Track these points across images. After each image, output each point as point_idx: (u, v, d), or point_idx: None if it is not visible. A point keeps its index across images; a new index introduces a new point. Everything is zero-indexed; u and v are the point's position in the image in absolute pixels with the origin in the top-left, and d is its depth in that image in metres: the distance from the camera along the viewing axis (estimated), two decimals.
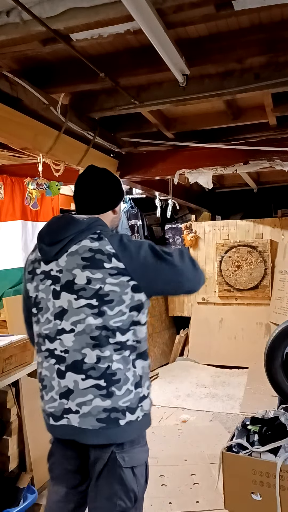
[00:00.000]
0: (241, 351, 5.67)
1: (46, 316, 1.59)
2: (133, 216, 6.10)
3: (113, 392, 1.50)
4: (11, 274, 3.64)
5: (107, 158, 3.86)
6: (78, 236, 1.55)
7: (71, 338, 1.53)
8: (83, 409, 1.51)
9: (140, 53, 2.34)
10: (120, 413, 1.50)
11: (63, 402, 1.54)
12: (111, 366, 1.51)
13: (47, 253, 1.59)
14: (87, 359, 1.51)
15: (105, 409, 1.50)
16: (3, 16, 1.82)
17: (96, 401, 1.50)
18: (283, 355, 2.91)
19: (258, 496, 2.21)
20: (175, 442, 3.56)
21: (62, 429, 1.56)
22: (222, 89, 2.58)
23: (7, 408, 2.57)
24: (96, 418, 1.50)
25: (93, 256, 1.52)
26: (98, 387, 1.50)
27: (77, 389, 1.52)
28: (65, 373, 1.54)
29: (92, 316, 1.51)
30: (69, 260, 1.55)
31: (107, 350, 1.51)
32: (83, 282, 1.52)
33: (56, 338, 1.56)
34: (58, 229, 1.59)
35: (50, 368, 1.58)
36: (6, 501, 2.44)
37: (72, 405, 1.52)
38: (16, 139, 2.75)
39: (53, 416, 1.57)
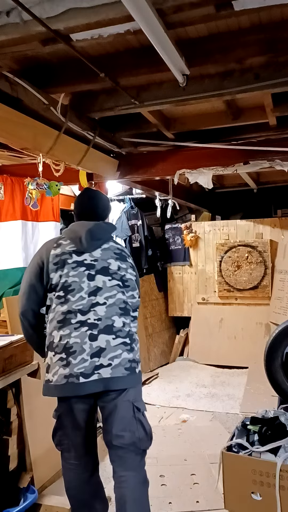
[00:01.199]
0: (241, 351, 5.67)
1: (80, 295, 2.04)
2: (133, 216, 6.10)
3: (133, 348, 2.07)
4: (11, 274, 3.64)
5: (107, 158, 3.86)
6: (108, 238, 2.22)
7: (103, 309, 2.03)
8: (115, 361, 1.98)
9: (140, 53, 2.34)
10: (136, 363, 2.06)
11: (94, 361, 1.96)
12: (131, 330, 2.10)
13: (89, 245, 2.12)
14: (116, 324, 2.03)
15: (129, 360, 2.02)
16: (3, 16, 1.82)
17: (124, 355, 2.01)
18: (283, 355, 2.91)
19: (258, 496, 2.21)
20: (175, 442, 3.56)
21: (93, 384, 1.94)
22: (222, 89, 2.58)
23: (7, 408, 2.57)
24: (124, 367, 1.99)
25: (121, 252, 2.20)
26: (125, 344, 2.03)
27: (109, 347, 1.99)
28: (97, 336, 1.99)
29: (120, 293, 2.10)
30: (104, 253, 2.14)
31: (128, 319, 2.10)
32: (115, 268, 2.13)
33: (90, 310, 2.02)
34: (102, 231, 2.19)
35: (82, 335, 1.98)
36: (6, 501, 2.44)
37: (103, 360, 1.96)
38: (16, 139, 2.75)
39: (83, 375, 1.94)
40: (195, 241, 6.21)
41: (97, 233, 2.16)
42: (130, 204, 6.07)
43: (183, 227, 6.28)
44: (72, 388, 1.95)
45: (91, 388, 1.94)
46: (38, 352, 2.26)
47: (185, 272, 6.34)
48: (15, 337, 2.68)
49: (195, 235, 6.20)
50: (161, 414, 4.19)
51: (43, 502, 2.60)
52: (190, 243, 6.19)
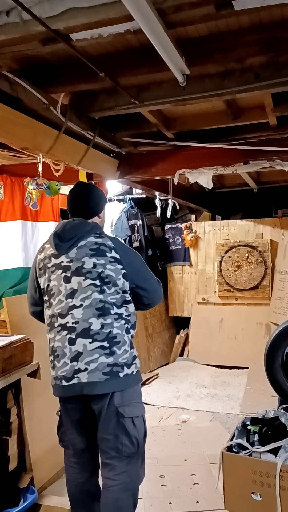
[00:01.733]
0: (241, 351, 5.67)
1: (59, 298, 2.01)
2: (133, 216, 6.10)
3: (114, 351, 1.95)
4: (11, 274, 3.63)
5: (107, 158, 3.86)
6: (85, 235, 2.06)
7: (80, 311, 1.96)
8: (91, 366, 1.92)
9: (140, 53, 2.34)
10: (119, 367, 1.95)
11: (73, 365, 1.94)
12: (112, 331, 1.96)
13: (62, 247, 2.04)
14: (93, 326, 1.95)
15: (108, 365, 1.93)
16: (3, 16, 1.82)
17: (102, 359, 1.92)
18: (283, 355, 2.90)
19: (258, 496, 2.21)
20: (175, 442, 3.55)
21: (73, 388, 1.94)
22: (222, 89, 2.58)
23: (7, 408, 2.57)
24: (102, 372, 1.91)
25: (99, 247, 2.03)
26: (103, 348, 1.94)
27: (85, 351, 1.93)
28: (75, 340, 1.95)
29: (96, 292, 1.98)
30: (79, 252, 2.03)
31: (109, 319, 1.97)
32: (90, 266, 2.00)
33: (68, 314, 1.98)
34: (72, 229, 2.07)
35: (63, 339, 1.98)
36: (6, 501, 2.44)
37: (81, 365, 1.92)
38: (16, 139, 2.75)
39: (65, 378, 1.95)
40: (195, 241, 6.21)
41: (66, 233, 2.07)
42: (130, 204, 6.07)
43: (183, 227, 6.27)
44: (58, 390, 2.02)
45: (71, 391, 1.96)
46: None
47: (185, 272, 6.34)
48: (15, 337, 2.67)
49: (195, 235, 6.19)
50: (161, 415, 4.19)
51: (43, 502, 2.60)
52: (190, 243, 6.19)
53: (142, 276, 2.12)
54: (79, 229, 2.06)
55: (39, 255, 2.15)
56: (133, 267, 2.08)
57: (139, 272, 2.11)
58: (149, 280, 2.15)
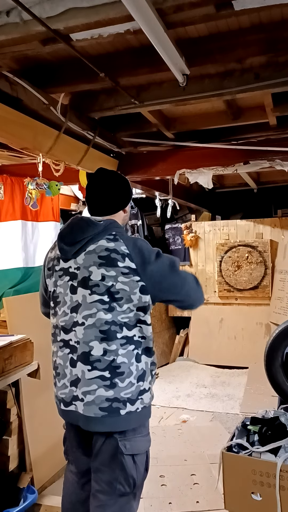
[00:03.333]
0: (241, 351, 5.67)
1: (63, 310, 1.74)
2: (133, 216, 6.10)
3: (116, 383, 1.64)
4: (11, 274, 3.63)
5: (107, 158, 3.86)
6: (96, 237, 1.71)
7: (81, 331, 1.67)
8: (87, 397, 1.64)
9: (140, 53, 2.34)
10: (121, 403, 1.64)
11: (72, 390, 1.70)
12: (116, 360, 1.64)
13: (67, 252, 1.74)
14: (94, 352, 1.65)
15: (107, 399, 1.63)
16: (3, 16, 1.82)
17: (100, 391, 1.63)
18: (283, 355, 2.90)
19: (258, 496, 2.21)
20: (175, 442, 3.56)
21: (70, 415, 1.72)
22: (222, 89, 2.58)
23: (7, 408, 2.57)
24: (99, 407, 1.63)
25: (109, 255, 1.67)
26: (103, 378, 1.64)
27: (83, 379, 1.66)
28: (76, 362, 1.68)
29: (103, 311, 1.65)
30: (87, 258, 1.70)
31: (114, 344, 1.65)
32: (98, 278, 1.66)
33: (71, 330, 1.71)
34: (78, 230, 1.74)
35: (64, 357, 1.73)
36: (6, 501, 2.44)
37: (79, 393, 1.67)
38: (16, 139, 2.75)
39: (64, 402, 1.74)
40: (195, 241, 6.21)
41: (72, 234, 1.74)
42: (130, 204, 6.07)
43: (183, 227, 6.27)
44: (59, 410, 1.82)
45: (70, 418, 1.74)
46: None
47: None
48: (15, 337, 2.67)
49: (195, 235, 6.19)
50: (161, 414, 4.19)
51: (43, 502, 2.60)
52: (190, 243, 6.19)
53: (167, 288, 1.73)
54: (87, 231, 1.71)
55: (50, 252, 1.87)
56: (155, 278, 1.68)
57: (162, 283, 1.71)
58: (178, 289, 1.75)
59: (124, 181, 1.89)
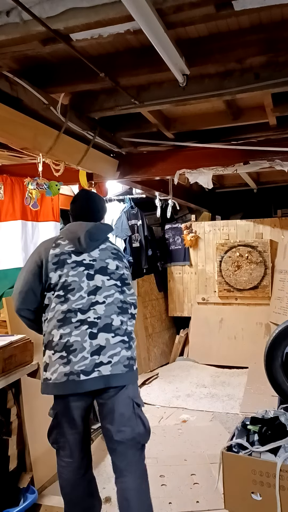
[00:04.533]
0: (241, 351, 5.67)
1: (80, 294, 2.09)
2: (133, 216, 6.10)
3: (131, 345, 2.14)
4: (11, 274, 3.63)
5: (107, 158, 3.86)
6: (105, 239, 2.29)
7: (102, 308, 2.10)
8: (114, 358, 2.05)
9: (140, 53, 2.34)
10: (134, 361, 2.14)
11: (94, 358, 2.02)
12: (128, 328, 2.15)
13: (90, 246, 2.18)
14: (114, 322, 2.10)
15: (128, 358, 2.10)
16: (3, 16, 1.82)
17: (123, 352, 2.08)
18: (283, 355, 2.90)
19: (258, 496, 2.21)
20: (175, 442, 3.56)
21: (93, 381, 2.00)
22: (222, 89, 2.58)
23: (7, 408, 2.57)
24: (123, 364, 2.06)
25: (118, 252, 2.28)
26: (123, 342, 2.10)
27: (108, 344, 2.05)
28: (97, 334, 2.05)
29: (118, 292, 2.16)
30: (102, 253, 2.21)
31: (126, 317, 2.16)
32: (114, 268, 2.20)
33: (89, 309, 2.08)
34: (100, 232, 2.25)
35: (82, 334, 2.04)
36: (6, 501, 2.44)
37: (103, 358, 2.03)
38: (16, 139, 2.75)
39: (84, 372, 2.00)
40: (195, 241, 6.21)
41: (95, 234, 2.21)
42: (130, 204, 6.07)
43: (183, 227, 6.27)
44: (73, 385, 1.99)
45: (92, 385, 2.00)
46: (39, 332, 2.30)
47: (185, 272, 6.34)
48: (15, 337, 2.68)
49: (195, 235, 6.19)
50: (161, 414, 4.19)
51: (43, 502, 2.60)
52: (190, 243, 6.19)
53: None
54: (104, 233, 2.28)
55: (53, 250, 2.18)
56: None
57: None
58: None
59: (102, 199, 2.48)
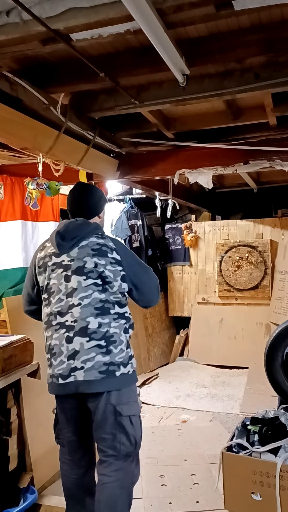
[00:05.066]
0: (241, 351, 5.67)
1: (58, 297, 2.04)
2: (133, 216, 6.10)
3: (111, 350, 1.98)
4: (11, 274, 3.63)
5: (107, 158, 3.86)
6: (87, 235, 2.10)
7: (78, 310, 1.99)
8: (87, 364, 1.94)
9: (140, 53, 2.34)
10: (116, 366, 1.98)
11: (70, 363, 1.96)
12: (109, 330, 2.00)
13: (64, 247, 2.08)
14: (90, 325, 1.98)
15: (105, 363, 1.96)
16: (3, 16, 1.82)
17: (98, 357, 1.95)
18: (283, 355, 2.90)
19: (258, 496, 2.21)
20: (175, 442, 3.55)
21: (69, 386, 1.96)
22: (222, 89, 2.58)
23: (7, 408, 2.57)
24: (98, 370, 1.94)
25: (100, 248, 2.08)
26: (99, 346, 1.97)
27: (82, 349, 1.96)
28: (73, 338, 1.98)
29: (97, 292, 2.02)
30: (80, 251, 2.07)
31: (107, 318, 2.01)
32: (92, 266, 2.04)
33: (67, 312, 2.01)
34: (75, 229, 2.11)
35: (60, 337, 2.01)
36: (6, 501, 2.44)
37: (77, 363, 1.95)
38: (16, 139, 2.75)
39: (62, 376, 1.98)
40: (195, 241, 6.21)
41: (68, 232, 2.11)
42: (130, 204, 6.07)
43: (183, 227, 6.27)
44: (54, 388, 2.04)
45: (67, 389, 1.98)
46: None
47: (185, 272, 6.34)
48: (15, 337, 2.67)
49: (195, 235, 6.19)
50: (161, 414, 4.19)
51: (43, 502, 2.60)
52: (190, 243, 6.19)
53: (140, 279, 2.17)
54: (81, 229, 2.11)
55: (39, 253, 2.18)
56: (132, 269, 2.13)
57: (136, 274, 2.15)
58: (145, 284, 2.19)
59: (98, 192, 2.30)
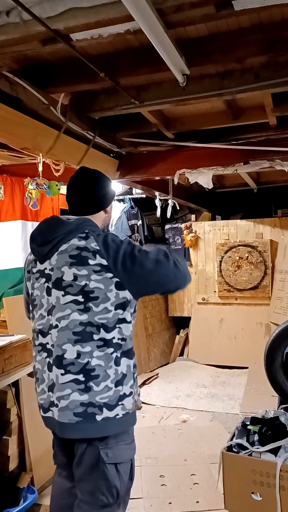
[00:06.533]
0: (241, 351, 5.67)
1: (40, 312, 1.68)
2: (133, 216, 6.10)
3: (91, 387, 1.55)
4: (11, 274, 3.64)
5: (107, 158, 3.86)
6: (67, 236, 1.63)
7: (55, 333, 1.61)
8: (61, 403, 1.57)
9: (140, 53, 2.34)
10: (96, 408, 1.55)
11: (50, 395, 1.63)
12: (90, 362, 1.56)
13: (39, 253, 1.68)
14: (66, 355, 1.57)
15: (82, 403, 1.55)
16: (3, 16, 1.82)
17: (74, 395, 1.55)
18: (283, 355, 2.90)
19: (258, 496, 2.21)
20: (175, 442, 3.56)
21: (48, 421, 1.66)
22: (222, 89, 2.58)
23: (7, 408, 2.57)
24: (73, 412, 1.55)
25: (79, 254, 1.60)
26: (77, 382, 1.56)
27: (57, 383, 1.59)
28: (52, 366, 1.62)
29: (77, 312, 1.58)
30: (59, 258, 1.63)
31: (89, 346, 1.56)
32: (70, 279, 1.59)
33: (48, 333, 1.65)
34: (47, 230, 1.68)
35: (42, 362, 1.67)
36: (6, 501, 2.44)
37: (54, 398, 1.60)
38: (16, 139, 2.75)
39: (43, 408, 1.68)
40: (195, 241, 6.21)
41: (41, 234, 1.69)
42: (130, 204, 6.07)
43: (183, 227, 6.27)
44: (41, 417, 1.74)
45: (49, 424, 1.68)
46: None
47: None
48: (15, 337, 2.68)
49: (195, 235, 6.19)
50: (161, 414, 4.19)
51: (43, 502, 2.60)
52: (190, 243, 6.19)
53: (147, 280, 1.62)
54: (57, 230, 1.64)
55: (29, 256, 1.80)
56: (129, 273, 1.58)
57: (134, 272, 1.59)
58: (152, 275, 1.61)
59: (105, 181, 1.81)
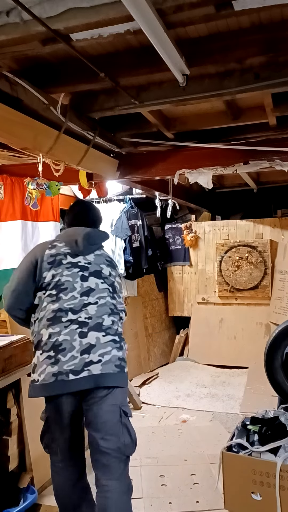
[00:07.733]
0: (241, 351, 5.67)
1: (72, 294, 2.10)
2: (133, 216, 6.09)
3: (122, 346, 2.12)
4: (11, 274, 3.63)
5: (107, 158, 3.86)
6: (101, 246, 2.36)
7: (94, 308, 2.10)
8: (105, 357, 2.00)
9: (140, 53, 2.34)
10: (125, 363, 2.09)
11: (84, 357, 1.98)
12: (118, 329, 2.15)
13: (86, 249, 2.24)
14: (105, 322, 2.09)
15: (119, 358, 2.06)
16: (3, 16, 1.82)
17: (114, 352, 2.04)
18: (283, 355, 2.90)
19: (258, 496, 2.21)
20: (175, 442, 3.56)
21: (82, 381, 1.95)
22: (222, 89, 2.57)
23: (7, 408, 2.57)
24: (114, 364, 2.01)
25: (112, 261, 2.35)
26: (114, 341, 2.07)
27: (98, 343, 2.02)
28: (87, 333, 2.03)
29: (109, 296, 2.20)
30: (97, 258, 2.27)
31: (117, 318, 2.18)
32: (107, 274, 2.26)
33: (81, 310, 2.08)
34: (96, 236, 2.33)
35: (72, 333, 2.02)
36: (6, 501, 2.45)
37: (93, 357, 1.98)
38: (16, 139, 2.75)
39: (73, 372, 1.95)
40: (195, 241, 6.21)
41: (93, 237, 2.30)
42: (130, 204, 6.06)
43: (183, 227, 6.28)
44: (61, 385, 1.94)
45: (81, 385, 1.95)
46: None
47: (185, 272, 6.34)
48: (15, 337, 2.68)
49: (195, 235, 6.20)
50: (161, 414, 4.20)
51: (43, 502, 2.60)
52: (190, 243, 6.19)
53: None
54: (100, 239, 2.36)
55: (49, 250, 2.22)
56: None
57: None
58: None
59: (98, 209, 2.54)
